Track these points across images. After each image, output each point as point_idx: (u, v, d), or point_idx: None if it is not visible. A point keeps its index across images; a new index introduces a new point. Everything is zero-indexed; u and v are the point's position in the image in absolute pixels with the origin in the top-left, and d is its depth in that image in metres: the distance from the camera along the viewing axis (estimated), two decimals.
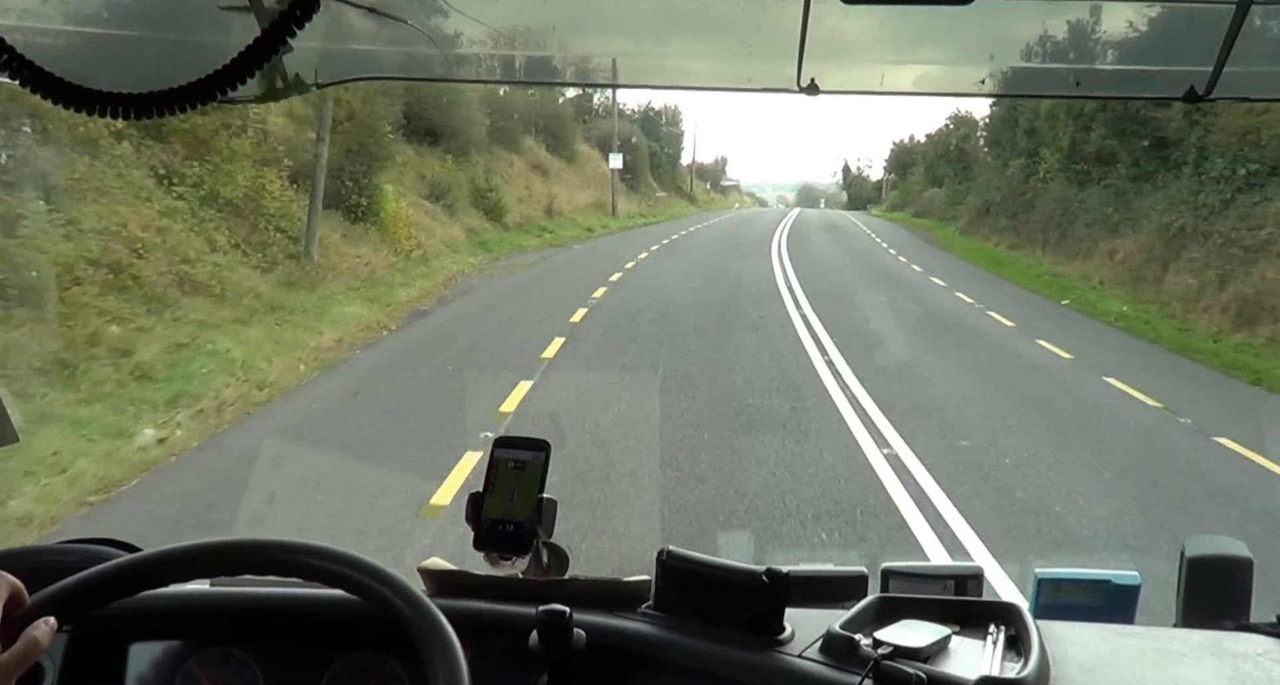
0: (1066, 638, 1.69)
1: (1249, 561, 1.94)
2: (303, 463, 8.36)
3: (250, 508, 6.95)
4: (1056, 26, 1.59)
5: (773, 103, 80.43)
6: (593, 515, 7.17)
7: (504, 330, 15.06)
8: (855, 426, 9.80)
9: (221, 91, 1.00)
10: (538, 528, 1.73)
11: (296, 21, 0.97)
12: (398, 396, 10.83)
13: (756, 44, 1.60)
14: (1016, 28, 1.59)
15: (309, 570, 1.43)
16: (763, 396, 11.07)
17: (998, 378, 13.07)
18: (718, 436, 9.32)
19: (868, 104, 65.11)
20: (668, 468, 8.33)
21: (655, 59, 1.77)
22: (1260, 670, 1.63)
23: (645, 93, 69.72)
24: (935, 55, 1.66)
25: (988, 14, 1.54)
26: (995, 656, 1.60)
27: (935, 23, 1.61)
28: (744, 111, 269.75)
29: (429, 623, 1.35)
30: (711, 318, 16.65)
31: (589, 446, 8.75)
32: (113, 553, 1.74)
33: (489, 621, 1.67)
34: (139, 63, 1.50)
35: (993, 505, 7.79)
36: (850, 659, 1.56)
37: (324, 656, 1.71)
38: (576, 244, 32.73)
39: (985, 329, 17.02)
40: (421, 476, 7.78)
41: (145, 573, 1.45)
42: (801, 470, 8.42)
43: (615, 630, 1.67)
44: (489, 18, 1.65)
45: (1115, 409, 11.48)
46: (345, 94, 18.32)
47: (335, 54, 1.73)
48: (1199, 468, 9.12)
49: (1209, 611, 1.87)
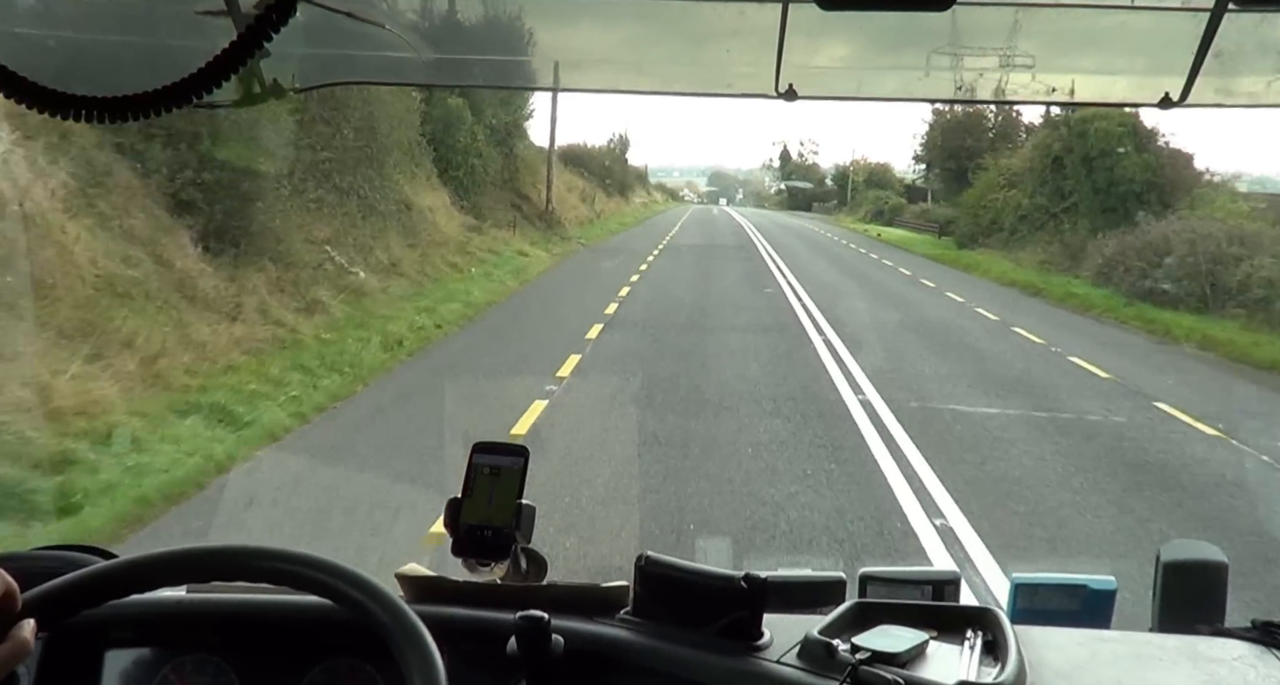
0: (1043, 642, 1.70)
1: (1224, 566, 1.95)
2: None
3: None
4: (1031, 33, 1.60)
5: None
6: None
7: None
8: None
9: (197, 96, 1.00)
10: (516, 533, 1.73)
11: (273, 26, 0.97)
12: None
13: (735, 50, 1.60)
14: (993, 33, 1.60)
15: (286, 577, 1.43)
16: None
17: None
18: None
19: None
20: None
21: (634, 64, 1.77)
22: (1235, 675, 1.64)
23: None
24: (914, 60, 1.67)
25: (965, 19, 1.54)
26: (972, 661, 1.60)
27: (913, 28, 1.61)
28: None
29: (407, 629, 1.35)
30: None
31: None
32: (88, 559, 1.73)
33: (467, 627, 1.66)
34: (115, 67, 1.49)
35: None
36: (828, 664, 1.56)
37: (301, 663, 1.70)
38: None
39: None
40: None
41: (123, 579, 1.44)
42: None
43: (594, 636, 1.66)
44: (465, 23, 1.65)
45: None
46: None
47: (314, 59, 1.73)
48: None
49: (1185, 616, 1.88)
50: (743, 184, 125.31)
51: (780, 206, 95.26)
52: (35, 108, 0.98)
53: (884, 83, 1.76)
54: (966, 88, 1.67)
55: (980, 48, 1.63)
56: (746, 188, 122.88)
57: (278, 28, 0.97)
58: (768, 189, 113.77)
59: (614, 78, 1.84)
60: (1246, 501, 8.43)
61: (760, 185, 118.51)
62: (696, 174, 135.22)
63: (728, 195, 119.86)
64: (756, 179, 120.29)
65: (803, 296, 22.03)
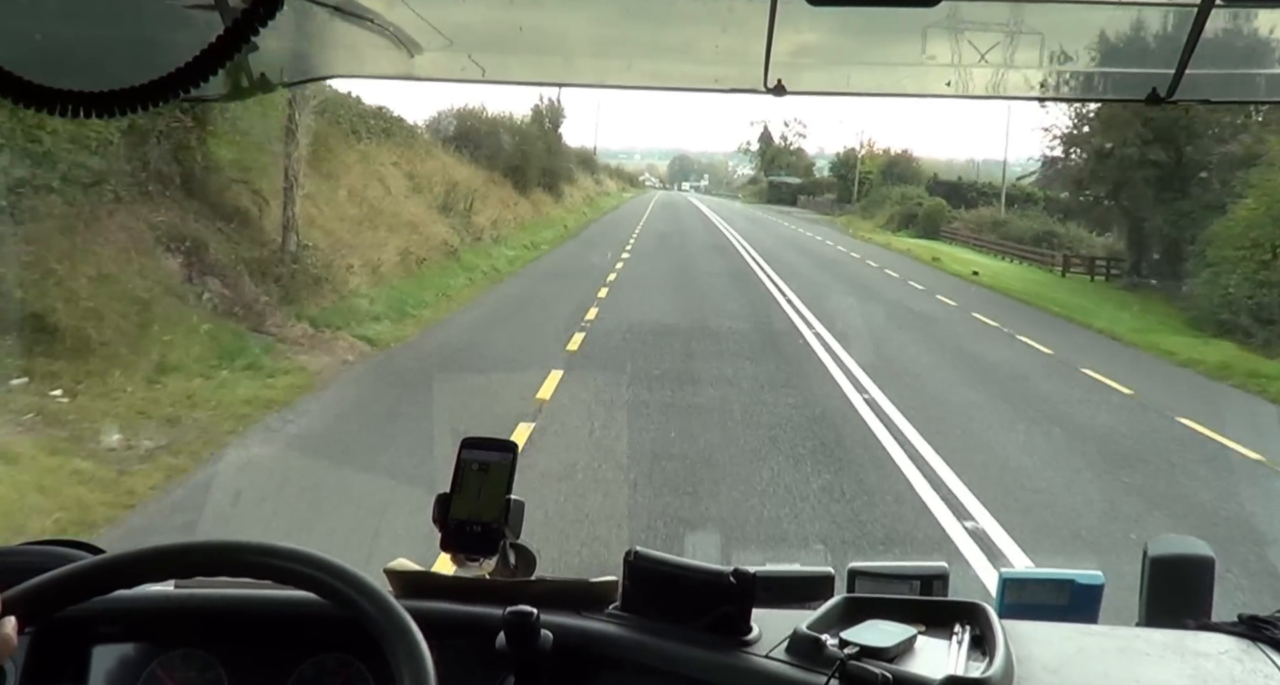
0: (1031, 637, 1.70)
1: (1211, 561, 1.96)
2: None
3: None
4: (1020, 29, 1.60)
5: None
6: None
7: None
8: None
9: (184, 90, 0.99)
10: (505, 529, 1.73)
11: (260, 19, 0.96)
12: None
13: (723, 45, 1.60)
14: (981, 30, 1.60)
15: (274, 571, 1.42)
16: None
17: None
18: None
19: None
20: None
21: (621, 59, 1.77)
22: (1221, 669, 1.64)
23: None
24: (902, 56, 1.67)
25: (953, 16, 1.54)
26: (960, 656, 1.60)
27: (901, 24, 1.61)
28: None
29: (395, 624, 1.35)
30: None
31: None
32: (74, 555, 1.72)
33: (456, 622, 1.66)
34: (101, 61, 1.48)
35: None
36: (817, 659, 1.56)
37: (290, 658, 1.70)
38: None
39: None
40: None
41: (110, 574, 1.44)
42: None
43: (582, 631, 1.67)
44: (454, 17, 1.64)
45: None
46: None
47: (301, 53, 1.72)
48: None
49: (1171, 611, 1.89)
50: (707, 169, 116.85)
51: (757, 198, 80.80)
52: (20, 103, 0.97)
53: (873, 78, 1.76)
54: (957, 83, 1.67)
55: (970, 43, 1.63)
56: (712, 174, 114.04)
57: (265, 21, 0.97)
58: (732, 173, 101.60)
59: (603, 72, 1.83)
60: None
61: (724, 170, 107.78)
62: (659, 156, 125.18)
63: (691, 181, 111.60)
64: (720, 164, 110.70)
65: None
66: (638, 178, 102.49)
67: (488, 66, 1.77)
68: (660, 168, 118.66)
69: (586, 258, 27.65)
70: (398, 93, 30.19)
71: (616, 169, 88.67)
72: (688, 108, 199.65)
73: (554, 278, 23.22)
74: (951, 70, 1.67)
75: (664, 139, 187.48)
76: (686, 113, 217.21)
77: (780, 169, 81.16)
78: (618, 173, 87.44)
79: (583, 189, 54.68)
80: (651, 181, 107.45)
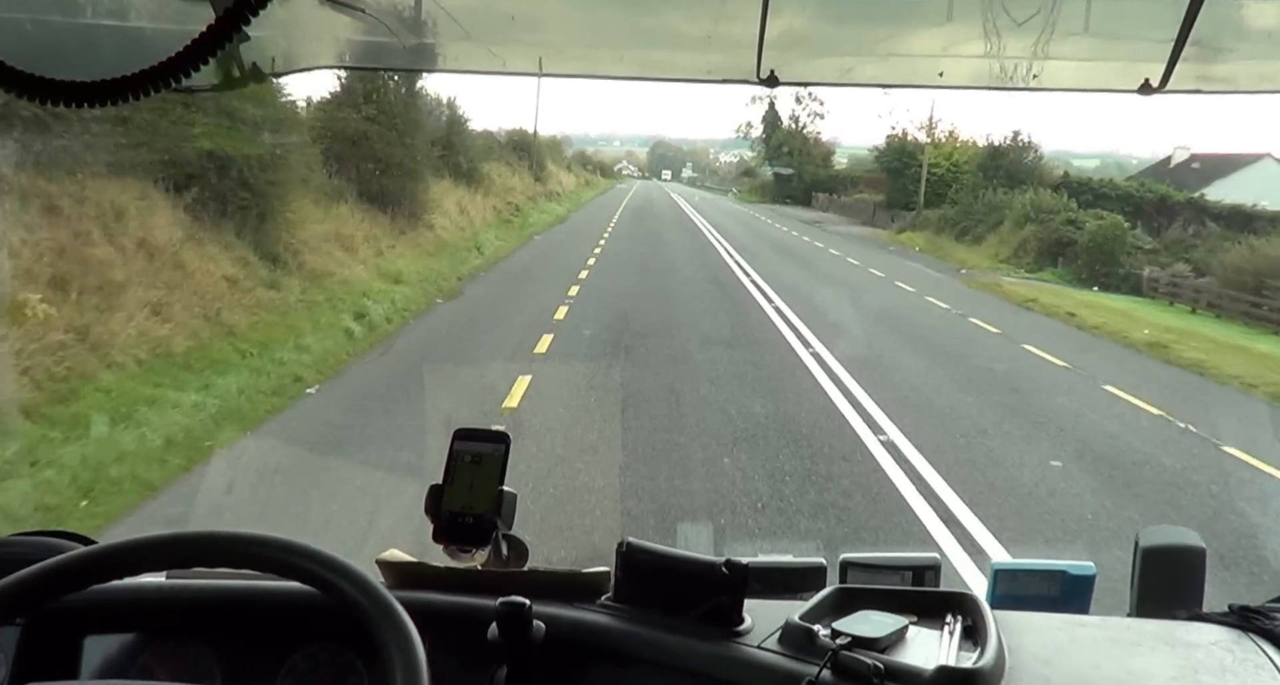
0: (1022, 627, 1.71)
1: (1202, 551, 1.96)
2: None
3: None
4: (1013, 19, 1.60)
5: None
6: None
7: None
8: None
9: (176, 80, 0.99)
10: (497, 520, 1.73)
11: (251, 9, 0.96)
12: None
13: (716, 35, 1.60)
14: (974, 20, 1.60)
15: (267, 562, 1.42)
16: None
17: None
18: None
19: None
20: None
21: (615, 49, 1.76)
22: (1212, 659, 1.65)
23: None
24: (894, 47, 1.67)
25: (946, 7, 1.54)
26: (952, 646, 1.61)
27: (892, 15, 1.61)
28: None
29: (387, 615, 1.34)
30: None
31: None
32: (65, 545, 1.72)
33: (448, 613, 1.66)
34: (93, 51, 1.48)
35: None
36: (809, 649, 1.57)
37: (282, 649, 1.70)
38: None
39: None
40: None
41: (101, 565, 1.43)
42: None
43: (575, 622, 1.67)
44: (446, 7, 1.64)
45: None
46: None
47: (293, 43, 1.72)
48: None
49: (1163, 601, 1.89)
50: (689, 156, 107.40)
51: (757, 195, 64.17)
52: (13, 93, 0.97)
53: (865, 69, 1.76)
54: (950, 73, 1.67)
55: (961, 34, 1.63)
56: (695, 162, 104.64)
57: (256, 11, 0.96)
58: (715, 161, 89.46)
59: (594, 63, 1.83)
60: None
61: (707, 157, 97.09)
62: (639, 143, 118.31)
63: (672, 170, 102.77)
64: (702, 150, 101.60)
65: None
66: (614, 167, 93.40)
67: (479, 57, 1.77)
68: (640, 155, 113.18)
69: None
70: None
71: (590, 157, 79.40)
72: (671, 92, 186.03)
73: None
74: (943, 61, 1.67)
75: (645, 125, 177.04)
76: (669, 97, 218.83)
77: (789, 156, 63.09)
78: (592, 161, 74.69)
79: (548, 183, 43.98)
80: (630, 170, 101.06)
